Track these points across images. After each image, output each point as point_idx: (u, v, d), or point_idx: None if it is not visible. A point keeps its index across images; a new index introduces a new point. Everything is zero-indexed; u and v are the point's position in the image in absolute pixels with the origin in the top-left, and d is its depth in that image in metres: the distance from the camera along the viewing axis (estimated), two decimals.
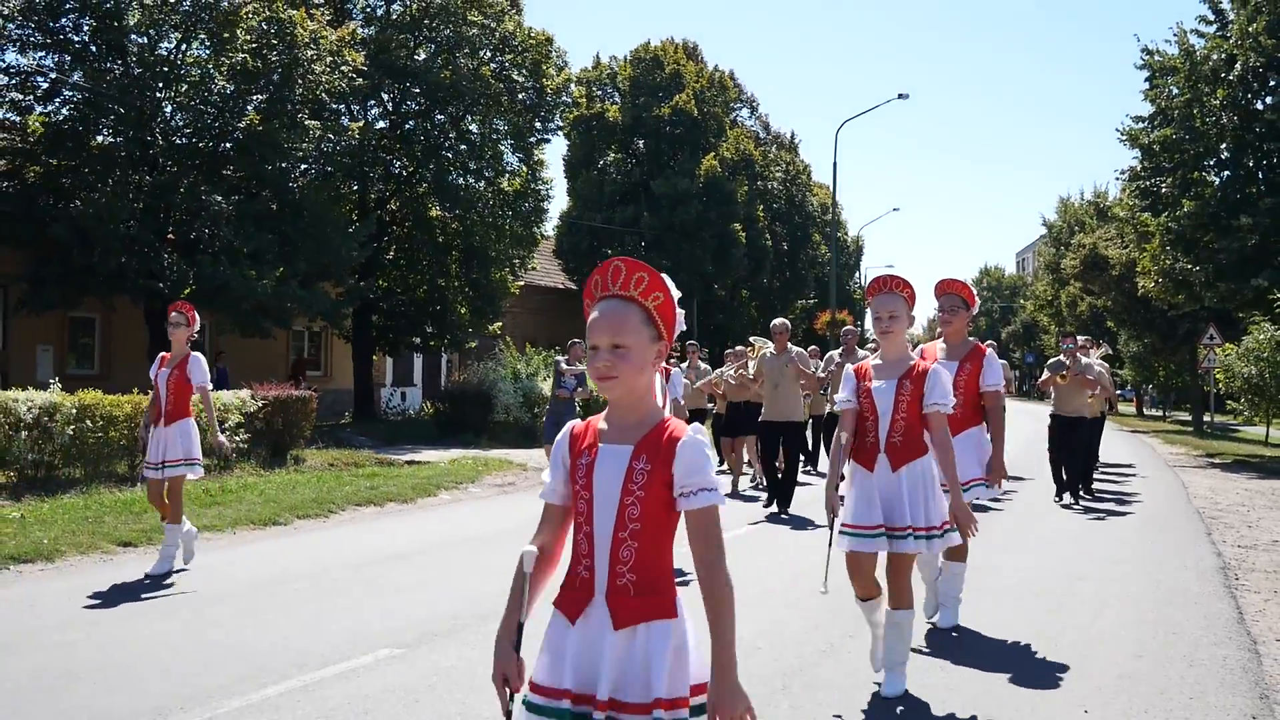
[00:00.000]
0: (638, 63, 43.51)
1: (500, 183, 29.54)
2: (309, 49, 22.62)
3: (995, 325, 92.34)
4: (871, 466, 5.53)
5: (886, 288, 5.66)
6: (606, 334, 2.75)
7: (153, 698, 5.25)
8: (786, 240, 50.08)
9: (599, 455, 2.81)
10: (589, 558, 2.77)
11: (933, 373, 5.51)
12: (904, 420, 5.49)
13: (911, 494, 5.41)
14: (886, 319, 5.54)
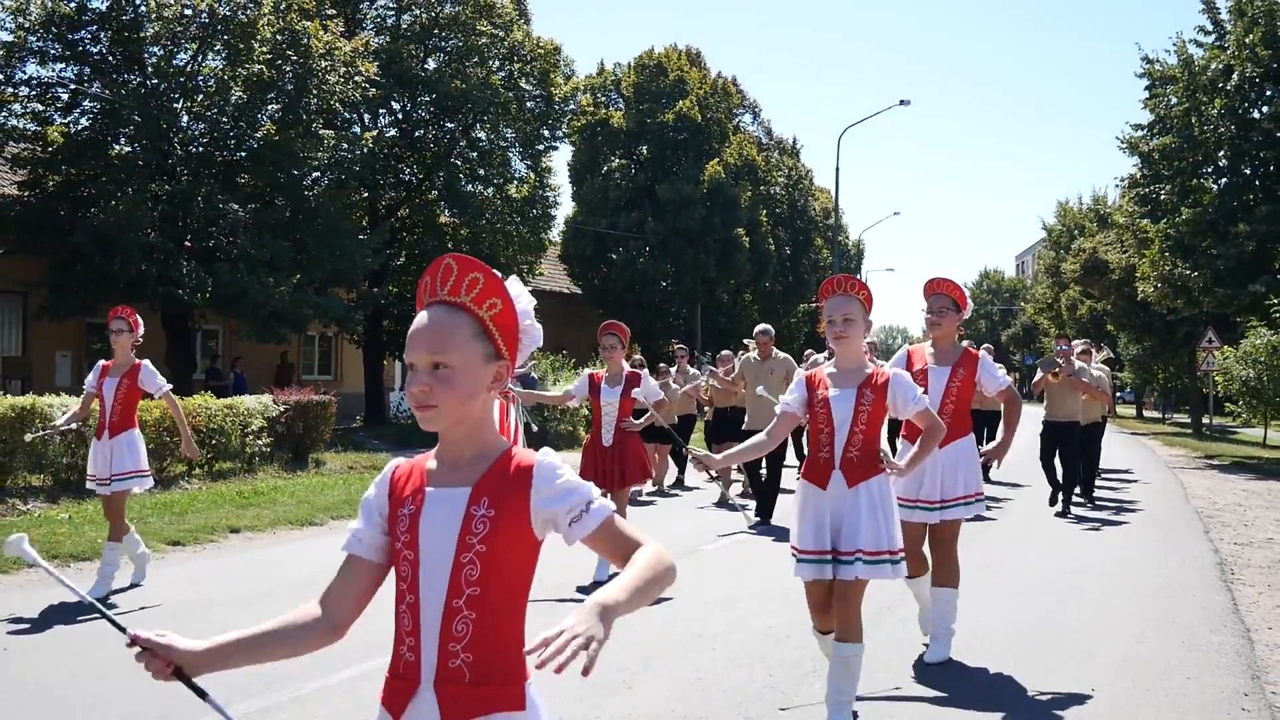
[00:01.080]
0: (642, 69, 43.93)
1: (508, 190, 30.05)
2: (323, 60, 23.07)
3: (995, 328, 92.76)
4: (825, 484, 5.10)
5: (840, 289, 5.19)
6: (425, 349, 2.26)
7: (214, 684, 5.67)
8: (789, 245, 50.53)
9: (425, 503, 2.28)
10: (413, 635, 2.24)
11: (894, 380, 5.13)
12: (862, 434, 5.06)
13: (869, 514, 4.99)
14: (840, 322, 5.07)
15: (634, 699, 5.50)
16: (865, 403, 5.07)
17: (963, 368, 6.45)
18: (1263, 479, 19.76)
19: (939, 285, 6.51)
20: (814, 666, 6.11)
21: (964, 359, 6.51)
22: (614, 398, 8.90)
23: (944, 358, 6.53)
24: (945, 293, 6.47)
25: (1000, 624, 7.33)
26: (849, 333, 5.07)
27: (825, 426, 5.14)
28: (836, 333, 5.10)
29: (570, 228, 42.25)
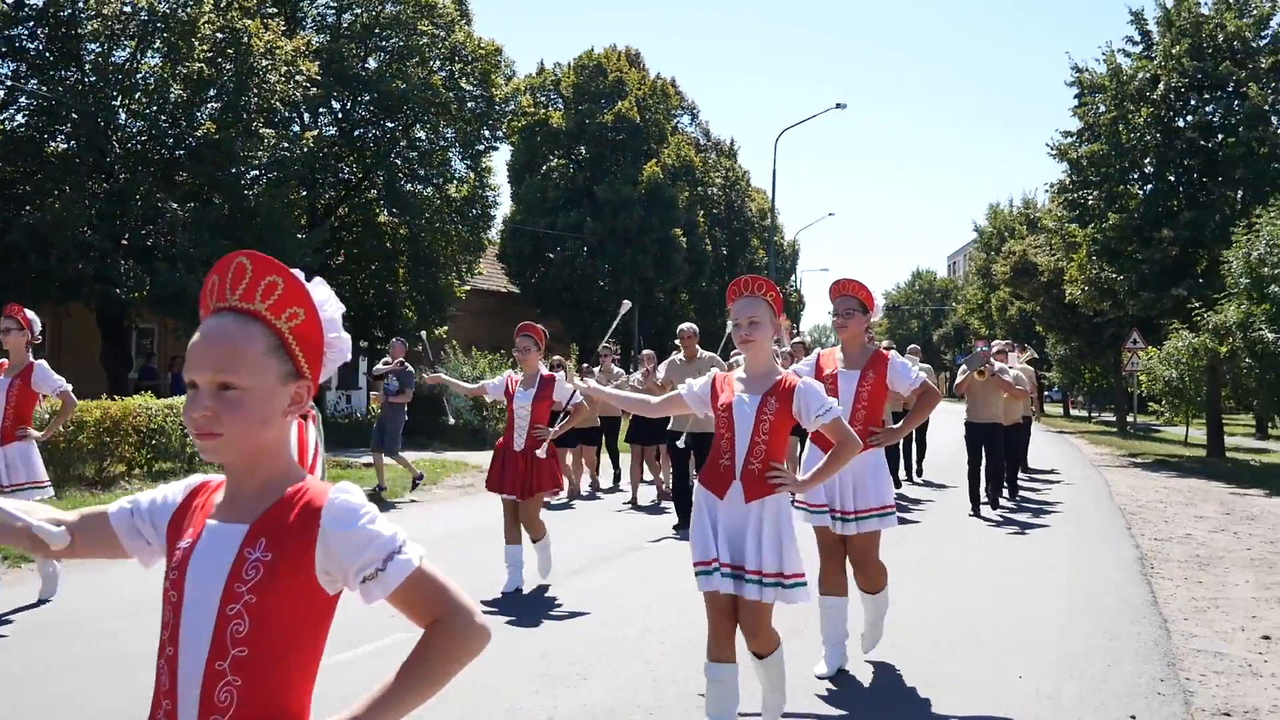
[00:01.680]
0: (581, 70, 44.13)
1: (448, 189, 30.09)
2: (264, 59, 23.03)
3: (927, 328, 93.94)
4: (722, 493, 4.80)
5: (747, 290, 4.90)
6: (210, 367, 1.90)
7: None
8: (725, 245, 51.00)
9: (201, 539, 1.94)
10: (169, 697, 1.89)
11: (800, 388, 4.76)
12: (765, 445, 4.75)
13: (765, 533, 4.69)
14: (746, 325, 4.79)
15: (588, 691, 5.75)
16: (768, 411, 4.75)
17: (872, 370, 6.23)
18: (1183, 477, 20.42)
19: (845, 287, 6.28)
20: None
21: (873, 361, 6.27)
22: (526, 401, 8.56)
23: (853, 361, 6.32)
24: (851, 294, 6.25)
25: (933, 616, 7.66)
26: (755, 336, 4.80)
27: (726, 432, 4.86)
28: (742, 336, 4.83)
29: (509, 227, 42.35)
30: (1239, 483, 19.50)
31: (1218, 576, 9.59)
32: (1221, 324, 19.24)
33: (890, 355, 6.37)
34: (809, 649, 6.52)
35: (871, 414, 6.19)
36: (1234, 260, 19.52)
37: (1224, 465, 23.70)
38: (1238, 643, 7.12)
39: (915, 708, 5.59)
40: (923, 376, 6.33)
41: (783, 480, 4.73)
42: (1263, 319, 18.27)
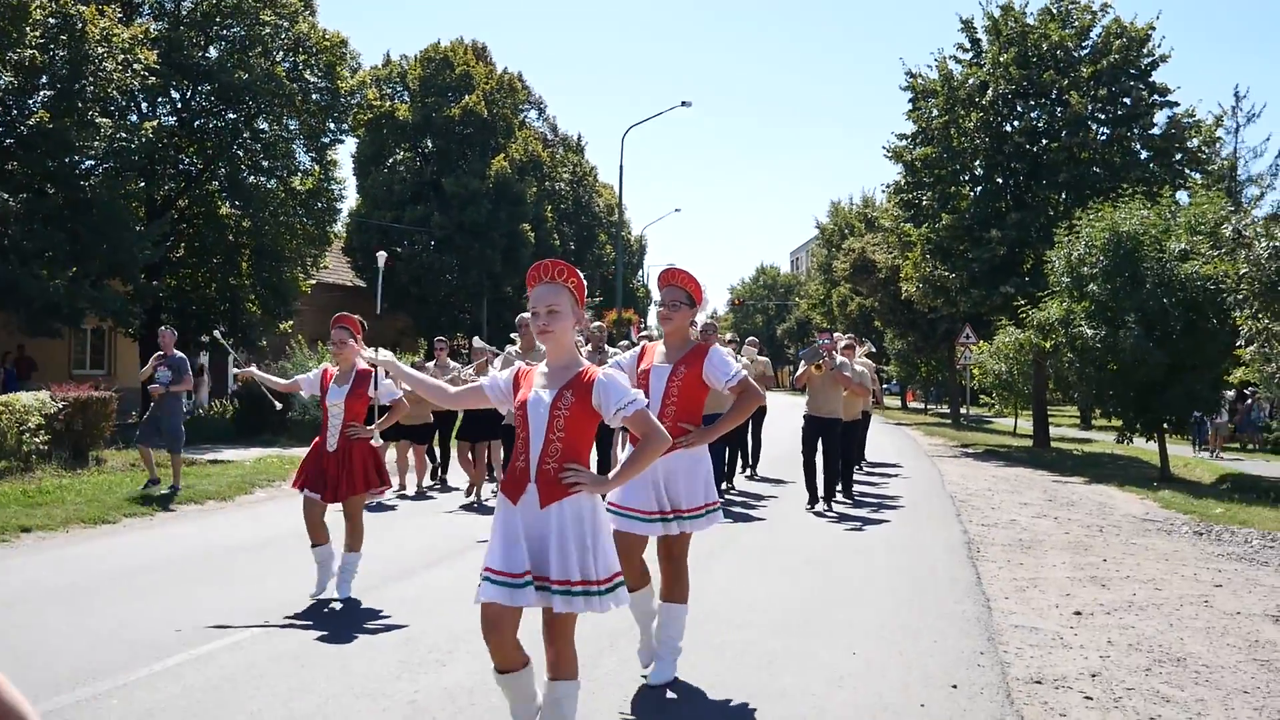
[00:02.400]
0: (428, 62, 43.88)
1: (292, 182, 29.61)
2: (99, 46, 22.43)
3: (771, 322, 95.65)
4: (516, 498, 4.44)
5: (546, 276, 4.54)
6: None
7: (40, 679, 5.85)
8: (574, 240, 51.31)
9: None
10: None
11: (601, 380, 4.45)
12: (560, 442, 4.41)
13: (566, 539, 4.35)
14: (545, 314, 4.47)
15: (448, 675, 5.94)
16: (564, 405, 4.43)
17: (685, 365, 5.82)
18: (1010, 466, 21.48)
19: (672, 276, 5.97)
20: (610, 643, 6.67)
21: (690, 355, 5.85)
22: (340, 398, 7.93)
23: (672, 354, 5.94)
24: (679, 285, 5.94)
25: (771, 600, 8.05)
26: (553, 326, 4.46)
27: (522, 430, 4.51)
28: (540, 326, 4.49)
29: (355, 220, 41.91)
30: (1062, 471, 20.59)
31: (1037, 559, 10.23)
32: (1045, 320, 20.21)
33: (712, 349, 5.89)
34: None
35: (684, 410, 5.80)
36: (1056, 260, 20.53)
37: (1049, 455, 24.92)
38: (1051, 618, 7.66)
39: (755, 678, 5.92)
40: (742, 373, 5.83)
41: (578, 480, 4.36)
42: (1082, 316, 19.27)
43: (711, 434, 5.84)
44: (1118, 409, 20.29)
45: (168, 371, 13.74)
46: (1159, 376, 18.60)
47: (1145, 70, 26.32)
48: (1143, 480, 18.69)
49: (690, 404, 5.85)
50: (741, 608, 7.73)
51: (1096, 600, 8.32)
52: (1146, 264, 18.65)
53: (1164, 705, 5.72)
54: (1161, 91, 26.29)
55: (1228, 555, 10.97)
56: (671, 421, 5.70)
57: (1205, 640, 7.16)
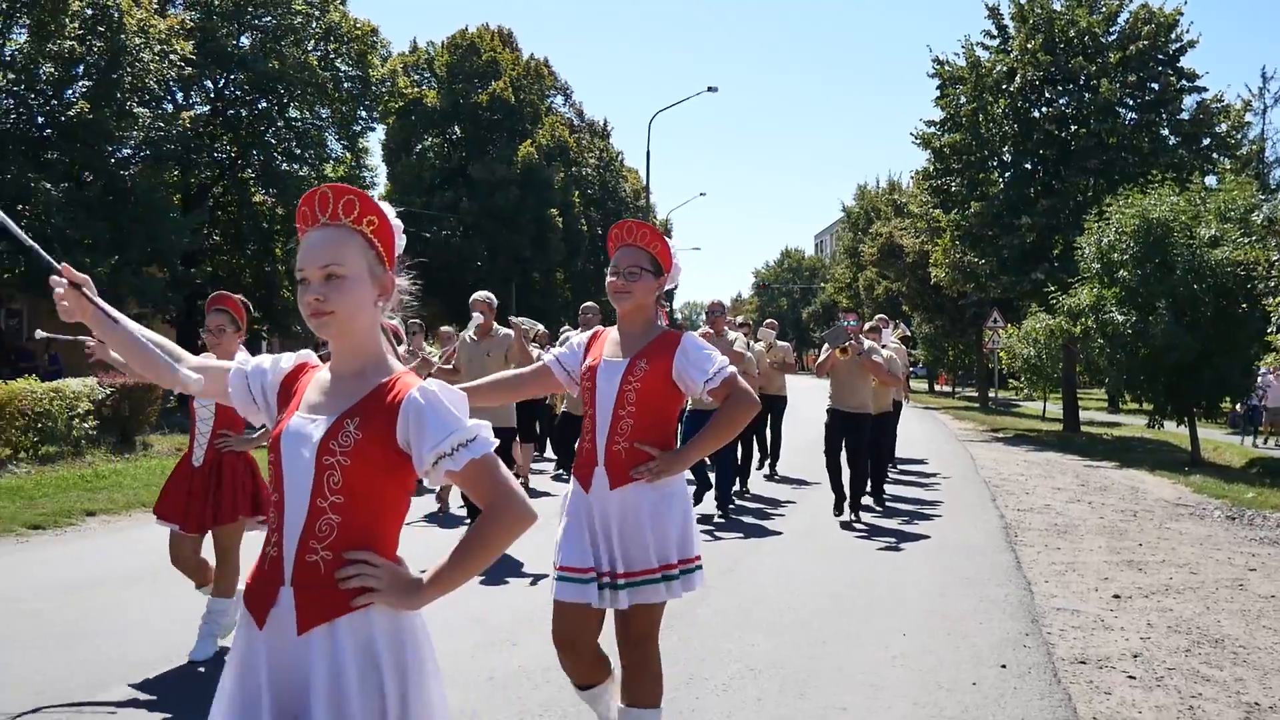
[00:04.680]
0: (455, 49, 44.12)
1: (324, 169, 30.03)
2: (136, 37, 22.77)
3: (796, 306, 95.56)
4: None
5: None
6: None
7: (133, 658, 6.13)
8: (600, 225, 51.48)
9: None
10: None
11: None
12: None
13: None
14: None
15: (520, 654, 6.19)
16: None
17: (646, 360, 4.08)
18: (1041, 450, 21.63)
19: (629, 233, 4.23)
20: (669, 623, 6.91)
21: (654, 347, 4.13)
22: (209, 402, 6.13)
23: (628, 345, 4.18)
24: (639, 244, 4.19)
25: (817, 585, 8.28)
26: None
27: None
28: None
29: None
30: (1092, 456, 20.72)
31: (1074, 543, 10.44)
32: (1075, 306, 20.32)
33: (685, 339, 4.16)
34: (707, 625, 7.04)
35: (645, 425, 4.06)
36: (1086, 246, 20.62)
37: (1079, 439, 25.03)
38: (1092, 601, 7.88)
39: (811, 658, 6.15)
40: (728, 370, 4.09)
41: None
42: (1113, 302, 19.37)
43: (685, 459, 4.07)
44: (1149, 394, 20.38)
45: None
46: (1190, 361, 18.68)
47: (1173, 56, 26.32)
48: (1173, 465, 18.80)
49: (654, 416, 4.09)
50: (789, 592, 7.96)
51: (1134, 584, 8.52)
52: (1176, 250, 18.72)
53: (1204, 684, 5.94)
54: (1189, 77, 26.30)
55: (1260, 539, 11.15)
56: (626, 442, 4.02)
57: (1242, 622, 7.36)
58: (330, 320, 2.46)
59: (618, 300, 4.13)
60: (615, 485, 4.02)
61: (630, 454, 4.01)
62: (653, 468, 3.99)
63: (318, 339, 2.57)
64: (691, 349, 4.08)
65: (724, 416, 4.10)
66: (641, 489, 3.99)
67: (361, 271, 2.49)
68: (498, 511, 2.42)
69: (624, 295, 4.12)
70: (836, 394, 11.65)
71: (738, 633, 6.76)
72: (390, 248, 2.59)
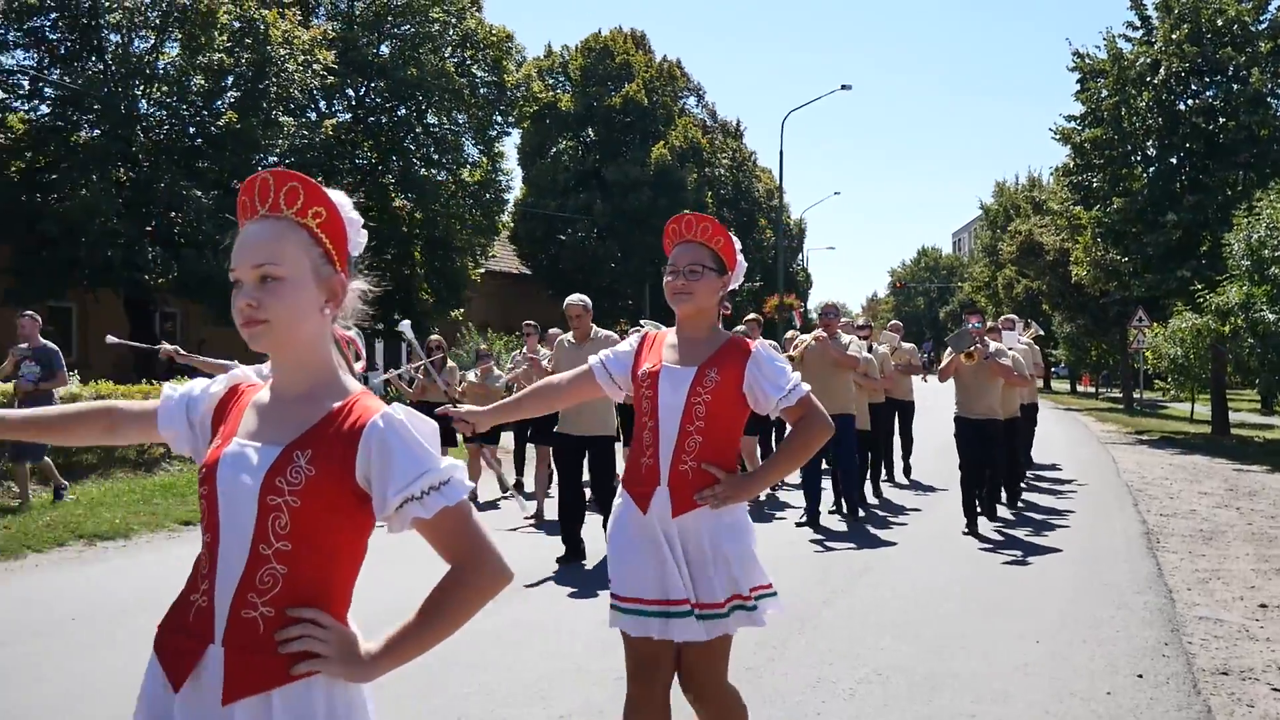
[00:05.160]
0: (588, 52, 44.50)
1: (461, 174, 30.60)
2: (281, 48, 23.50)
3: (933, 305, 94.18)
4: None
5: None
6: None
7: None
8: (733, 225, 51.38)
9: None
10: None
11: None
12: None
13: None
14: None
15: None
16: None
17: (718, 370, 3.67)
18: (1187, 454, 20.93)
19: (689, 226, 3.80)
20: (799, 626, 6.91)
21: (724, 354, 3.72)
22: None
23: (691, 352, 3.77)
24: (701, 240, 3.78)
25: (949, 586, 8.18)
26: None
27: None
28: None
29: (520, 209, 42.82)
30: (1242, 459, 20.00)
31: (1219, 550, 10.10)
32: (1224, 305, 19.68)
33: (756, 349, 3.73)
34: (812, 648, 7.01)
35: (713, 443, 3.64)
36: (1235, 243, 19.94)
37: (1228, 442, 24.18)
38: (1236, 610, 7.63)
39: (937, 662, 6.08)
40: (802, 389, 3.69)
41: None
42: (1264, 300, 18.71)
43: (753, 485, 3.69)
44: None
45: (35, 365, 11.25)
46: None
47: None
48: None
49: (722, 432, 3.68)
50: (918, 596, 7.88)
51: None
52: None
53: None
54: None
55: None
56: (693, 461, 3.59)
57: None
58: (265, 330, 2.10)
59: (677, 302, 3.76)
60: (679, 510, 3.57)
61: (697, 475, 3.59)
62: (719, 493, 3.56)
63: None
64: (765, 360, 3.68)
65: (798, 440, 3.69)
66: (704, 516, 3.57)
67: (303, 273, 2.15)
68: (472, 569, 2.08)
69: (684, 297, 3.74)
70: (963, 401, 11.01)
71: (866, 636, 6.73)
72: (342, 244, 2.26)
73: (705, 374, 3.65)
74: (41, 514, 10.38)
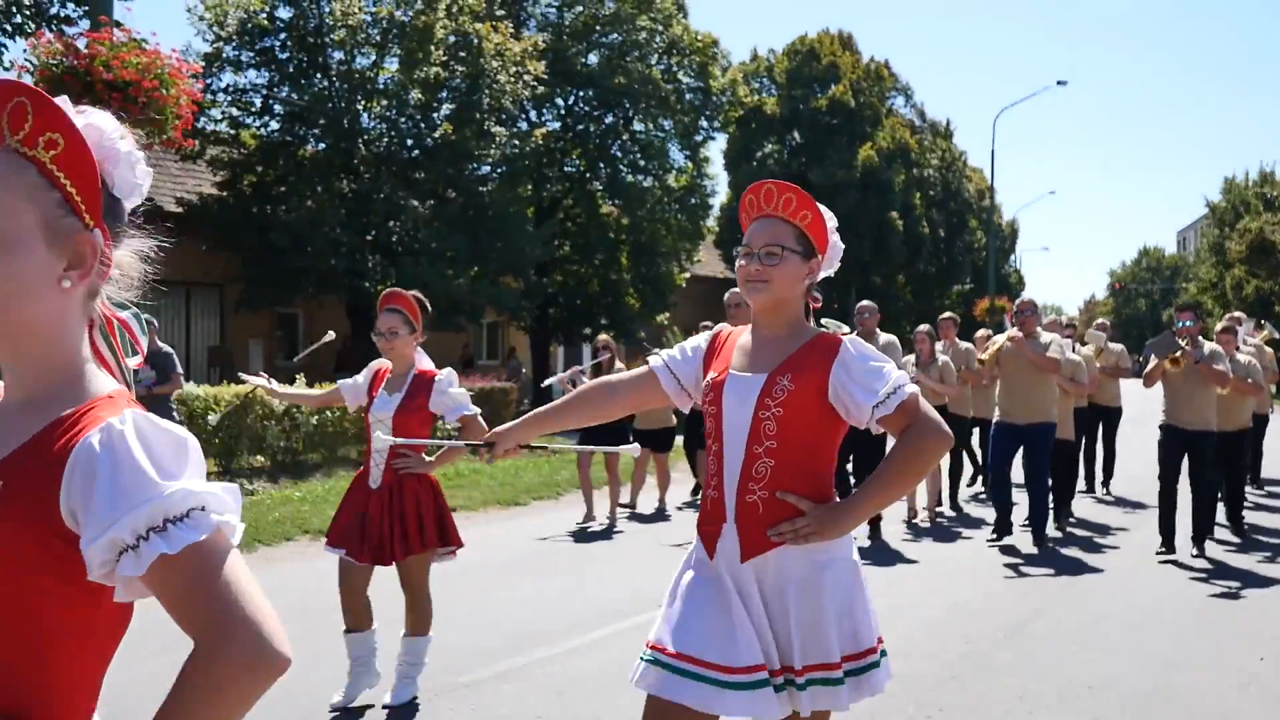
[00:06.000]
0: (794, 55, 44.34)
1: (667, 180, 30.91)
2: (494, 60, 24.20)
3: (1156, 307, 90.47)
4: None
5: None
6: None
7: (489, 646, 6.56)
8: (943, 227, 50.38)
9: None
10: None
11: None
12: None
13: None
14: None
15: None
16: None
17: (793, 376, 2.97)
18: None
19: (769, 198, 3.12)
20: (1005, 635, 6.75)
21: (802, 356, 3.02)
22: (387, 411, 5.46)
23: (766, 354, 3.07)
24: (783, 215, 3.08)
25: (1163, 600, 7.85)
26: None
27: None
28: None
29: (725, 214, 42.93)
30: None
31: None
32: None
33: (843, 345, 3.01)
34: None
35: (791, 465, 2.95)
36: None
37: None
38: None
39: (1153, 678, 5.85)
40: (907, 390, 2.93)
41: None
42: None
43: (849, 517, 2.92)
44: None
45: (150, 370, 10.47)
46: None
47: None
48: None
49: (803, 452, 2.97)
50: (1131, 609, 7.60)
51: None
52: None
53: None
54: None
55: None
56: (764, 491, 2.92)
57: None
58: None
59: (751, 292, 3.05)
60: (751, 552, 2.90)
61: (770, 507, 2.90)
62: (800, 527, 2.85)
63: None
64: (855, 359, 2.93)
65: (903, 456, 2.89)
66: (788, 557, 2.88)
67: (25, 227, 1.44)
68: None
69: (759, 286, 3.01)
70: (1171, 408, 9.72)
71: (1075, 649, 6.54)
72: (91, 186, 1.48)
73: (776, 381, 2.95)
74: (271, 509, 10.94)
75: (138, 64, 9.77)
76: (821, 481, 2.98)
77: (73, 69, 9.59)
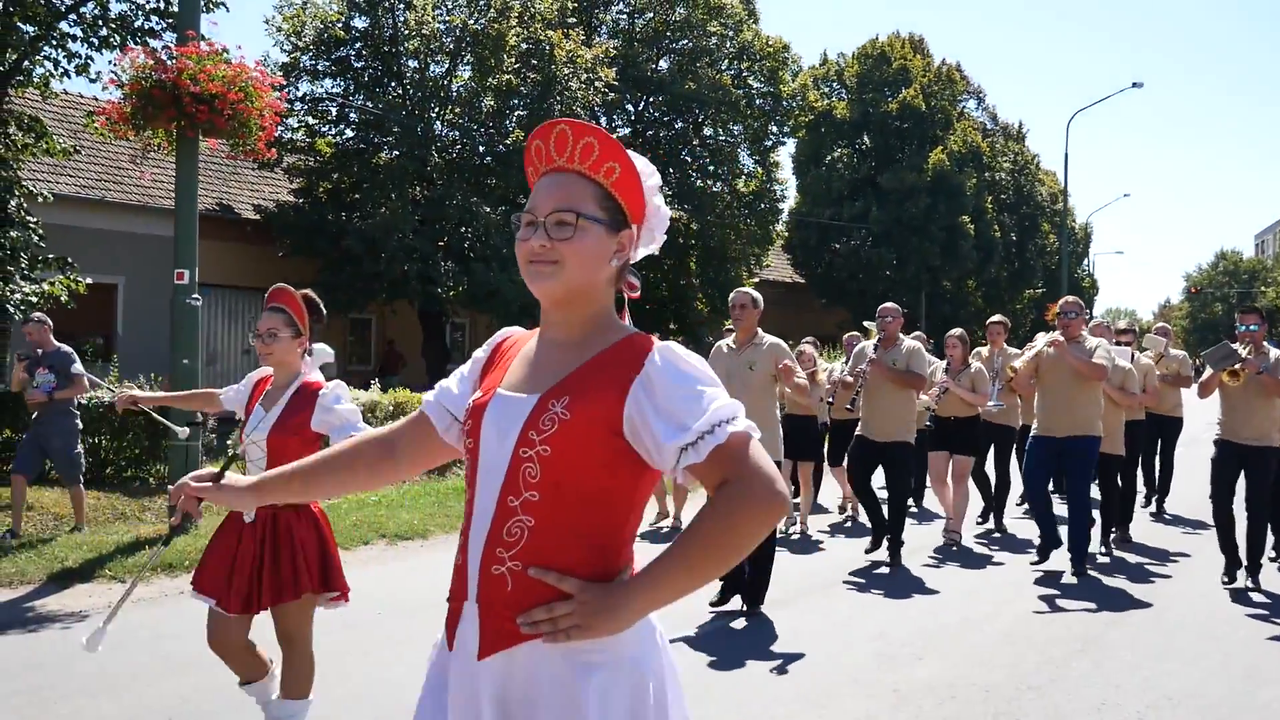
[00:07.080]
0: (864, 59, 44.08)
1: (737, 184, 30.94)
2: (565, 67, 24.39)
3: (1232, 312, 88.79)
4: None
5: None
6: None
7: None
8: (1014, 230, 49.83)
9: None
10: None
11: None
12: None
13: None
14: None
15: (924, 669, 6.23)
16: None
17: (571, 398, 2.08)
18: None
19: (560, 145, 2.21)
20: (1081, 646, 6.73)
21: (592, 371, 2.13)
22: (261, 431, 4.61)
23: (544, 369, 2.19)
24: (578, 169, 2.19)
25: (1245, 611, 7.76)
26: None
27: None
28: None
29: (794, 218, 42.83)
30: None
31: None
32: None
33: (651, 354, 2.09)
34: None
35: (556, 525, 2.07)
36: None
37: None
38: None
39: (1234, 690, 5.81)
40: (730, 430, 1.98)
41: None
42: None
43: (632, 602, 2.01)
44: None
45: (49, 374, 9.80)
46: None
47: None
48: None
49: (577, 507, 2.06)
50: (1212, 620, 7.53)
51: None
52: None
53: None
54: None
55: None
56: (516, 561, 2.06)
57: None
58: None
59: (535, 278, 2.15)
60: (490, 648, 2.07)
61: (522, 584, 2.05)
62: (560, 615, 2.00)
63: None
64: (661, 376, 2.05)
65: (714, 527, 1.95)
66: (540, 656, 2.04)
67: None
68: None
69: (544, 270, 2.13)
70: (1228, 421, 8.73)
71: (1153, 659, 6.49)
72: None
73: (547, 407, 2.08)
74: (348, 514, 11.13)
75: (223, 77, 10.01)
76: (604, 554, 2.08)
77: (161, 82, 9.84)
